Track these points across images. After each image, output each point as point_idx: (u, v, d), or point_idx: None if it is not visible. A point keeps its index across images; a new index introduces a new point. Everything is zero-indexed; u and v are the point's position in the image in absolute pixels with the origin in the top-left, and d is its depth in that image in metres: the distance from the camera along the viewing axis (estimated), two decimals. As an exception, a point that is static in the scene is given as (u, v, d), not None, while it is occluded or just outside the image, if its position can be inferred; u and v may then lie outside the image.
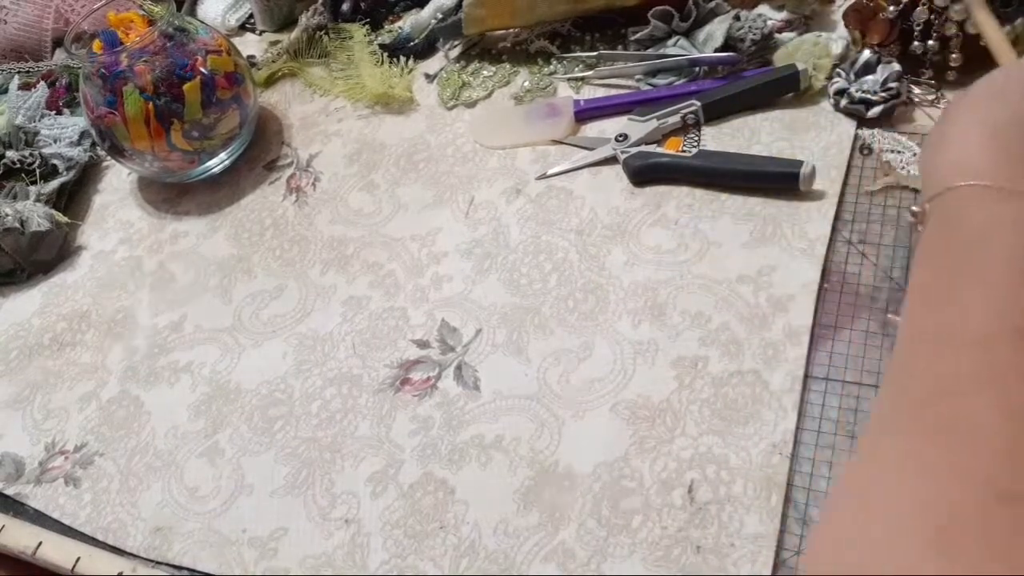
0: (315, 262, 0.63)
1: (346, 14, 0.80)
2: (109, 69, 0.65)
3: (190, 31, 0.68)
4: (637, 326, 0.52)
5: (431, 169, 0.66)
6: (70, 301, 0.67)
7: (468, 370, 0.53)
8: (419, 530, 0.48)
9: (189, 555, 0.50)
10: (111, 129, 0.67)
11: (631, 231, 0.57)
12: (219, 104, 0.68)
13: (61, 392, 0.61)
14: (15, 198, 0.71)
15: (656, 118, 0.61)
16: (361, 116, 0.73)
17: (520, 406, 0.51)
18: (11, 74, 0.84)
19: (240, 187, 0.71)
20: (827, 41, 0.61)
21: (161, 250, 0.68)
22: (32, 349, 0.65)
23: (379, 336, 0.57)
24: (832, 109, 0.59)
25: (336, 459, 0.52)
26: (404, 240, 0.62)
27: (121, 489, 0.54)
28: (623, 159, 0.60)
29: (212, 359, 0.59)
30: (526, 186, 0.62)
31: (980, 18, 0.53)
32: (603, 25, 0.70)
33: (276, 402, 0.56)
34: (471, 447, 0.50)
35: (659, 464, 0.46)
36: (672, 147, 0.60)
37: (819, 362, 0.48)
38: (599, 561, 0.44)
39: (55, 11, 0.87)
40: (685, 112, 0.61)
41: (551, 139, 0.64)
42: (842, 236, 0.52)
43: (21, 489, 0.56)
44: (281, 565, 0.48)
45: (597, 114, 0.65)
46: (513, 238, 0.59)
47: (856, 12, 0.59)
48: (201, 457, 0.54)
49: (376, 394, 0.54)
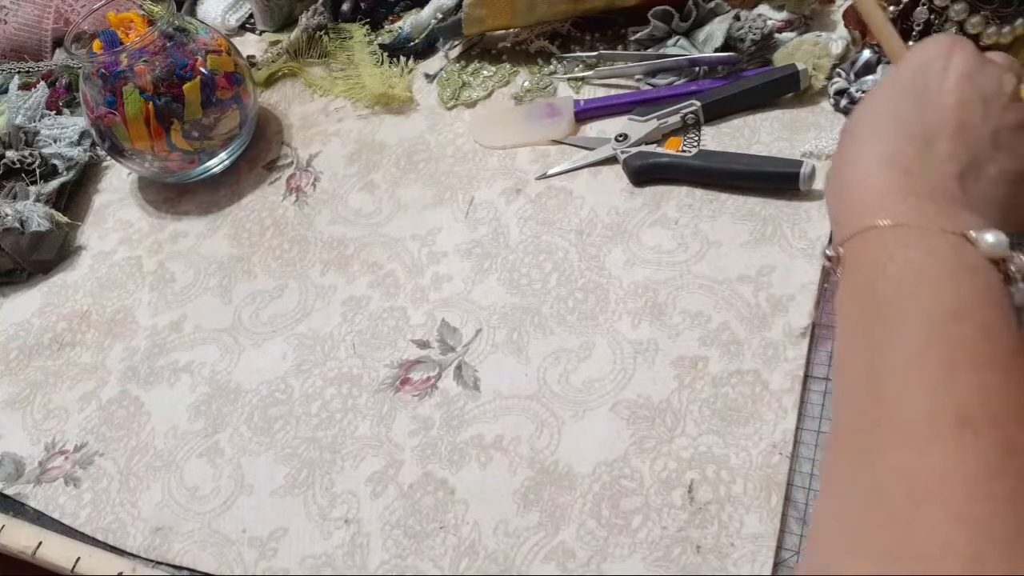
0: (315, 262, 0.63)
1: (346, 14, 0.80)
2: (109, 69, 0.65)
3: (190, 31, 0.68)
4: (637, 326, 0.52)
5: (431, 169, 0.66)
6: (70, 301, 0.67)
7: (468, 370, 0.53)
8: (419, 530, 0.48)
9: (189, 555, 0.50)
10: (111, 129, 0.67)
11: (631, 231, 0.57)
12: (219, 104, 0.68)
13: (61, 392, 0.61)
14: (15, 198, 0.71)
15: (656, 118, 0.61)
16: (361, 116, 0.73)
17: (520, 406, 0.51)
18: (11, 74, 0.84)
19: (240, 187, 0.71)
20: (827, 41, 0.61)
21: (161, 250, 0.68)
22: (32, 349, 0.65)
23: (379, 336, 0.57)
24: (832, 109, 0.59)
25: (336, 459, 0.52)
26: (404, 240, 0.62)
27: (121, 489, 0.54)
28: (623, 159, 0.60)
29: (212, 359, 0.59)
30: (526, 186, 0.62)
31: (865, 8, 0.50)
32: (603, 25, 0.70)
33: (276, 402, 0.56)
34: (471, 447, 0.50)
35: (659, 464, 0.46)
36: (672, 147, 0.60)
37: (819, 362, 0.48)
38: (599, 561, 0.44)
39: (55, 11, 0.87)
40: (685, 112, 0.61)
41: (551, 139, 0.64)
42: (842, 236, 0.52)
43: (21, 489, 0.56)
44: (281, 565, 0.48)
45: (597, 114, 0.65)
46: (513, 238, 0.59)
47: (856, 12, 0.59)
48: (201, 457, 0.54)
49: (376, 394, 0.54)
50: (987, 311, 0.35)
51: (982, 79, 0.44)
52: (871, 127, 0.43)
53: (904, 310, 0.36)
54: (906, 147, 0.42)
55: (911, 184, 0.40)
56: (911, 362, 0.34)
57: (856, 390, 0.36)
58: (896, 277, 0.37)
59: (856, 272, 0.39)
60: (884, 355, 0.35)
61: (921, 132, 0.42)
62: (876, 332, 0.36)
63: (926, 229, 0.38)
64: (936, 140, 0.42)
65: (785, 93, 0.60)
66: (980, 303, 0.36)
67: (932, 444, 0.31)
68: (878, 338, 0.36)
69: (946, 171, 0.41)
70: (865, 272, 0.39)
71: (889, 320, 0.36)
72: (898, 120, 0.43)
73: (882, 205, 0.40)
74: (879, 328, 0.36)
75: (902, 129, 0.42)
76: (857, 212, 0.41)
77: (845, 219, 0.42)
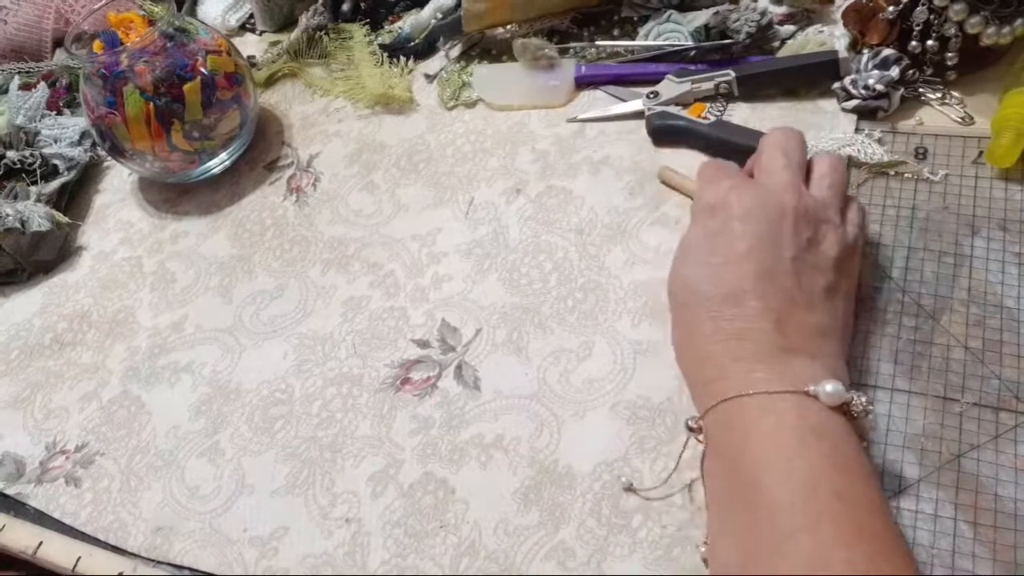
0: (315, 262, 0.63)
1: (346, 14, 0.80)
2: (109, 69, 0.65)
3: (190, 31, 0.68)
4: (637, 325, 0.52)
5: (431, 169, 0.66)
6: (71, 301, 0.67)
7: (468, 370, 0.53)
8: (419, 529, 0.48)
9: (190, 555, 0.50)
10: (111, 129, 0.67)
11: (631, 230, 0.57)
12: (219, 104, 0.68)
13: (62, 392, 0.61)
14: (15, 198, 0.71)
15: (691, 82, 0.62)
16: (361, 116, 0.73)
17: (520, 405, 0.51)
18: (11, 74, 0.84)
19: (240, 187, 0.71)
20: (829, 38, 0.62)
21: (161, 250, 0.69)
22: (33, 349, 0.65)
23: (379, 336, 0.57)
24: (832, 109, 0.59)
25: (336, 459, 0.52)
26: (404, 240, 0.62)
27: (122, 489, 0.54)
28: (647, 115, 0.61)
29: (213, 359, 0.59)
30: (526, 186, 0.62)
31: (675, 182, 0.57)
32: (601, 19, 0.71)
33: (276, 402, 0.56)
34: (471, 447, 0.50)
35: (659, 464, 0.46)
36: (695, 112, 0.61)
37: (819, 362, 0.48)
38: (599, 560, 0.44)
39: (55, 11, 0.88)
40: (719, 80, 0.61)
41: (556, 103, 0.66)
42: (842, 236, 0.52)
43: (22, 489, 0.56)
44: (281, 565, 0.48)
45: (595, 81, 0.67)
46: (513, 238, 0.59)
47: (855, 12, 0.60)
48: (202, 457, 0.55)
49: (376, 394, 0.54)
50: (837, 475, 0.37)
51: (763, 212, 0.45)
52: (692, 292, 0.45)
53: (764, 486, 0.38)
54: (726, 309, 0.43)
55: (741, 350, 0.42)
56: (781, 542, 0.36)
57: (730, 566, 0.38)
58: (751, 452, 0.39)
59: (716, 443, 0.41)
60: (755, 533, 0.37)
61: (731, 291, 0.43)
62: (744, 511, 0.38)
63: (766, 395, 0.39)
64: (744, 296, 0.43)
65: (822, 79, 0.59)
66: (831, 467, 0.37)
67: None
68: (746, 513, 0.38)
69: (763, 327, 0.42)
70: (722, 445, 0.41)
71: (753, 501, 0.38)
72: (710, 282, 0.44)
73: (722, 376, 0.42)
74: (747, 505, 0.38)
75: (716, 290, 0.43)
76: (703, 384, 0.43)
77: (695, 391, 0.44)
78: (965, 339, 0.47)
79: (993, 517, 0.41)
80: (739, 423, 0.40)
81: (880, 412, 0.45)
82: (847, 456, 0.38)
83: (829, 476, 0.37)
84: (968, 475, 0.42)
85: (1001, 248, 0.50)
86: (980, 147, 0.54)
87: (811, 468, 0.37)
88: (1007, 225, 0.50)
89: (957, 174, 0.53)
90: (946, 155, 0.55)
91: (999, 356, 0.46)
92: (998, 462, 0.42)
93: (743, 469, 0.39)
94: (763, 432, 0.39)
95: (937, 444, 0.43)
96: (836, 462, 0.38)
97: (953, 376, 0.45)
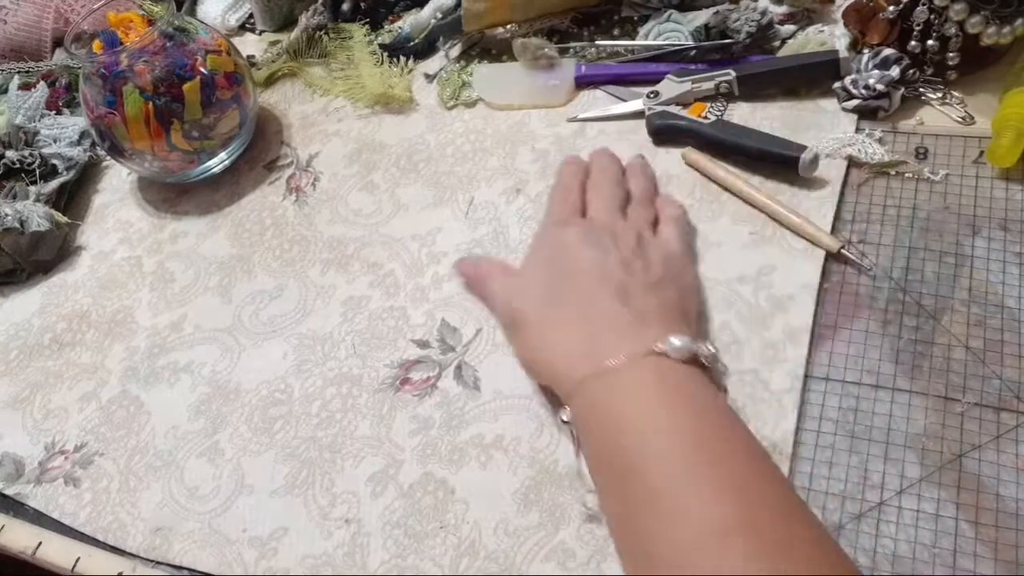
0: (315, 262, 0.63)
1: (346, 14, 0.80)
2: (109, 69, 0.65)
3: (190, 31, 0.68)
4: (637, 326, 0.52)
5: (431, 169, 0.66)
6: (70, 301, 0.67)
7: (468, 370, 0.53)
8: (419, 530, 0.48)
9: (189, 555, 0.50)
10: (111, 129, 0.67)
11: (631, 231, 0.57)
12: (219, 104, 0.68)
13: (61, 392, 0.61)
14: (15, 198, 0.71)
15: (691, 81, 0.62)
16: (361, 116, 0.73)
17: (520, 406, 0.51)
18: (11, 74, 0.84)
19: (240, 187, 0.71)
20: (830, 37, 0.62)
21: (161, 250, 0.68)
22: (32, 349, 0.65)
23: (379, 336, 0.57)
24: (832, 109, 0.59)
25: (336, 459, 0.52)
26: (404, 240, 0.62)
27: (121, 489, 0.54)
28: (648, 115, 0.61)
29: (212, 359, 0.59)
30: (526, 185, 0.62)
31: (700, 165, 0.58)
32: (601, 19, 0.71)
33: (276, 402, 0.56)
34: (471, 447, 0.50)
35: (659, 464, 0.46)
36: (695, 112, 0.61)
37: (819, 362, 0.48)
38: (599, 560, 0.44)
39: (55, 11, 0.87)
40: (719, 80, 0.61)
41: (556, 103, 0.66)
42: (842, 236, 0.52)
43: (21, 489, 0.56)
44: (281, 565, 0.48)
45: (595, 81, 0.67)
46: (513, 237, 0.59)
47: (855, 12, 0.60)
48: (201, 457, 0.54)
49: (376, 394, 0.54)
50: (701, 424, 0.40)
51: (595, 234, 0.49)
52: (541, 315, 0.48)
53: (642, 454, 0.40)
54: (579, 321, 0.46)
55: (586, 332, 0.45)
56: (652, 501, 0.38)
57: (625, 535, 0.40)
58: (614, 419, 0.41)
59: (588, 427, 0.43)
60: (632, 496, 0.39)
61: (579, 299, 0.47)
62: (627, 482, 0.40)
63: (623, 363, 0.42)
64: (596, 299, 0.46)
65: (823, 79, 0.59)
66: (694, 417, 0.40)
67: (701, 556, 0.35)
68: (628, 486, 0.40)
69: (610, 307, 0.46)
70: (592, 422, 0.43)
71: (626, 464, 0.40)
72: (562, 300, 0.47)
73: (576, 364, 0.44)
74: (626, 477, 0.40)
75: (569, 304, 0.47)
76: (563, 378, 0.45)
77: (559, 390, 0.46)
78: (966, 339, 0.47)
79: (994, 517, 0.41)
80: (603, 396, 0.42)
81: (881, 412, 0.45)
82: (706, 404, 0.41)
83: (694, 426, 0.39)
84: (969, 475, 0.42)
85: (1002, 248, 0.50)
86: (981, 147, 0.54)
87: (675, 419, 0.40)
88: (1008, 225, 0.50)
89: (958, 174, 0.53)
90: (947, 155, 0.55)
91: (1000, 356, 0.46)
92: (999, 462, 0.42)
93: (614, 437, 0.41)
94: (626, 396, 0.41)
95: (938, 444, 0.43)
96: (696, 410, 0.41)
97: (954, 376, 0.45)
